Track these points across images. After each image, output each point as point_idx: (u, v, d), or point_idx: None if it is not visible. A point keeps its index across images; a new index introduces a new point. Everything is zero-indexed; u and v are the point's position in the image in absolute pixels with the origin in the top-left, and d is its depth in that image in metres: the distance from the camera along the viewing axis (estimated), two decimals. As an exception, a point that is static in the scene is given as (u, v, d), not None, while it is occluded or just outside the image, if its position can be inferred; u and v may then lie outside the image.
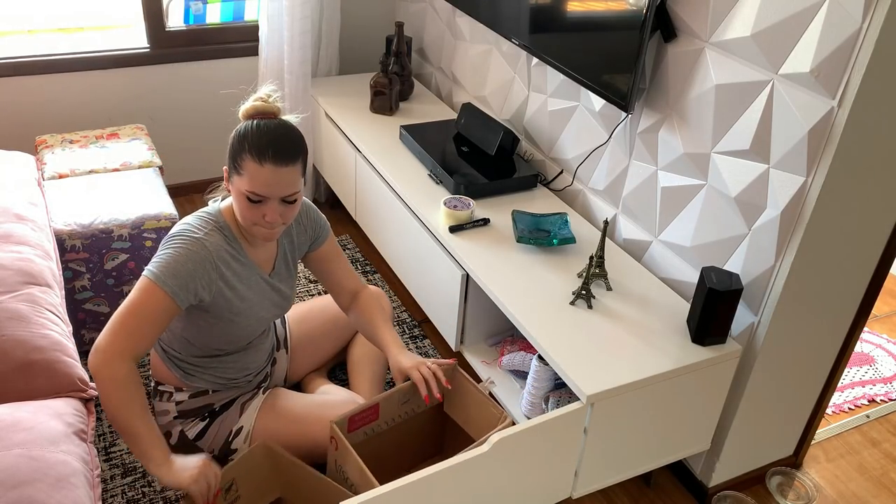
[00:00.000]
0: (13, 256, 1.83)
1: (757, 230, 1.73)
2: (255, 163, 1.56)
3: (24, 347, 1.62)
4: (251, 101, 1.64)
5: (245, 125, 1.61)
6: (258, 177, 1.56)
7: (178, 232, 1.65)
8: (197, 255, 1.62)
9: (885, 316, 2.88)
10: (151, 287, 1.57)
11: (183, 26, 2.99)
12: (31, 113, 2.83)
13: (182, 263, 1.60)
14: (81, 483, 1.41)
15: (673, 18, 1.85)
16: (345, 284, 1.96)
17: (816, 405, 2.08)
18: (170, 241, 1.64)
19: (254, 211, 1.61)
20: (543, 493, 1.73)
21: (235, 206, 1.65)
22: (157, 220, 2.25)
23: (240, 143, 1.58)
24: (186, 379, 1.83)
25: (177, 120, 3.09)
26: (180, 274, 1.59)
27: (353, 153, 2.66)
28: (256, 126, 1.59)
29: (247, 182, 1.58)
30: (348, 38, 3.26)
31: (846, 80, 1.47)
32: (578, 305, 1.89)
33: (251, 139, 1.57)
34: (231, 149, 1.61)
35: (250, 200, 1.59)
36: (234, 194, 1.64)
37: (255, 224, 1.64)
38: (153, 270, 1.59)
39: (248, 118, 1.63)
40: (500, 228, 2.18)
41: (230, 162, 1.61)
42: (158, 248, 1.66)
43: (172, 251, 1.61)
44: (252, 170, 1.56)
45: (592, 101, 2.20)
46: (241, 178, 1.58)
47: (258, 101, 1.64)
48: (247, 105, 1.64)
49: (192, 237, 1.64)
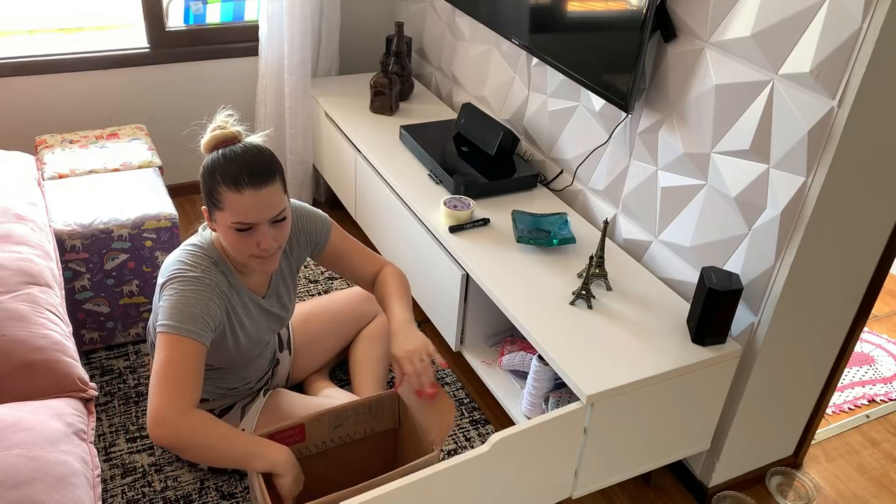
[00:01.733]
0: (13, 256, 1.83)
1: (757, 230, 1.73)
2: (233, 192, 1.50)
3: (24, 347, 1.62)
4: (209, 133, 1.58)
5: (211, 158, 1.55)
6: (241, 205, 1.51)
7: (176, 274, 1.59)
8: (202, 294, 1.58)
9: (885, 316, 2.88)
10: (175, 339, 1.53)
11: (183, 26, 2.99)
12: (31, 113, 2.83)
13: (192, 306, 1.55)
14: (81, 483, 1.41)
15: (673, 18, 1.85)
16: (364, 274, 1.88)
17: (816, 405, 2.08)
18: (171, 286, 1.58)
19: (246, 241, 1.56)
20: (543, 493, 1.73)
21: (226, 243, 1.59)
22: (157, 220, 2.25)
23: (211, 177, 1.53)
24: None
25: (177, 120, 3.09)
26: (196, 316, 1.55)
27: (353, 153, 2.66)
28: (223, 156, 1.54)
29: (230, 214, 1.52)
30: (348, 38, 3.26)
31: (846, 80, 1.47)
32: (578, 305, 1.89)
33: (222, 170, 1.52)
34: (204, 186, 1.55)
35: (239, 231, 1.54)
36: (221, 232, 1.58)
37: (251, 256, 1.59)
38: (169, 323, 1.53)
39: (211, 150, 1.57)
40: (500, 228, 2.18)
41: (207, 200, 1.56)
42: (159, 293, 1.61)
43: (178, 297, 1.55)
44: (232, 200, 1.51)
45: (592, 101, 2.20)
46: (224, 212, 1.53)
47: (216, 130, 1.58)
48: (206, 138, 1.58)
49: (192, 276, 1.58)
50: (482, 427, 2.22)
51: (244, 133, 1.61)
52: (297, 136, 2.99)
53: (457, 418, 2.22)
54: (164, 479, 1.97)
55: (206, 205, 1.59)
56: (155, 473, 1.98)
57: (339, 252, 1.86)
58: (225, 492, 1.95)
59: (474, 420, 2.23)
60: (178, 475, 1.98)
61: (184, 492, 1.94)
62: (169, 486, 1.95)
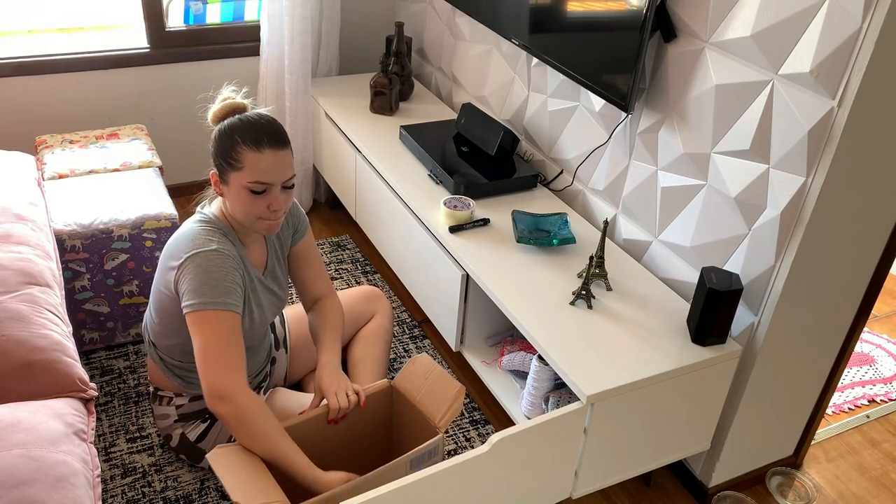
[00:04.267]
0: (13, 256, 1.83)
1: (757, 230, 1.73)
2: (254, 152, 1.55)
3: (24, 347, 1.62)
4: (219, 104, 1.63)
5: (228, 123, 1.60)
6: (260, 164, 1.56)
7: (194, 250, 1.59)
8: (227, 264, 1.59)
9: (885, 316, 2.88)
10: (214, 315, 1.54)
11: (183, 26, 2.99)
12: (31, 113, 2.83)
13: (222, 279, 1.57)
14: (81, 483, 1.41)
15: (673, 18, 1.85)
16: (312, 288, 1.90)
17: (816, 405, 2.08)
18: (191, 262, 1.58)
19: (258, 203, 1.59)
20: (543, 493, 1.73)
21: (235, 204, 1.62)
22: (157, 220, 2.25)
23: (229, 138, 1.57)
24: (187, 387, 1.83)
25: (177, 120, 3.09)
26: (229, 289, 1.57)
27: (353, 153, 2.66)
28: (240, 120, 1.59)
29: (248, 174, 1.56)
30: (348, 38, 3.26)
31: (846, 80, 1.47)
32: (578, 305, 1.89)
33: (241, 131, 1.57)
34: (220, 148, 1.59)
35: (254, 193, 1.58)
36: (232, 193, 1.61)
37: (259, 218, 1.62)
38: (205, 301, 1.54)
39: (222, 118, 1.62)
40: (500, 228, 2.18)
41: (221, 161, 1.60)
42: (173, 272, 1.60)
43: (204, 271, 1.56)
44: (252, 160, 1.56)
45: (592, 101, 2.20)
46: (241, 172, 1.57)
47: (227, 100, 1.63)
48: (215, 108, 1.63)
49: (212, 250, 1.59)
50: (482, 427, 2.22)
51: (251, 105, 1.66)
52: (297, 136, 2.99)
53: (458, 418, 2.22)
54: (164, 479, 1.97)
55: (217, 167, 1.61)
56: (155, 473, 1.98)
57: (305, 253, 1.89)
58: (225, 492, 1.94)
59: (474, 420, 2.23)
60: (178, 475, 1.98)
61: (184, 492, 1.94)
62: (169, 486, 1.95)
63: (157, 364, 1.84)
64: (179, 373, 1.82)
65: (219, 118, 1.63)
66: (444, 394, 1.69)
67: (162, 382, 1.86)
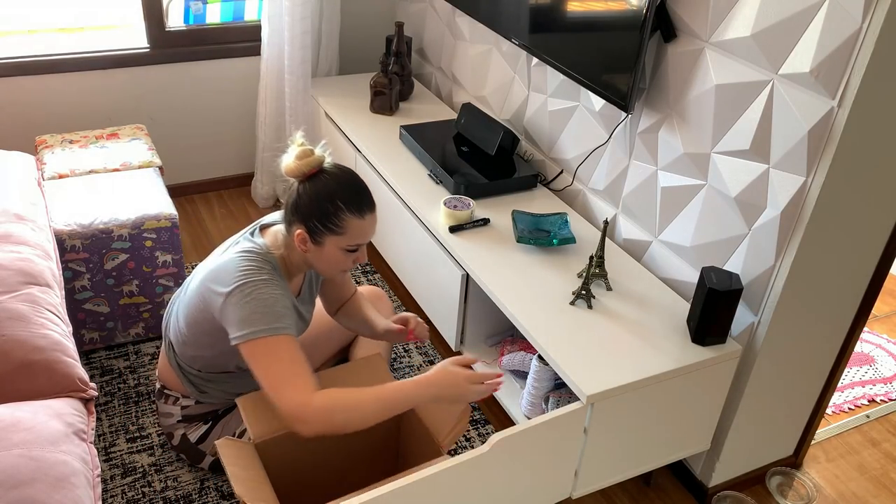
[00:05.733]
0: (13, 256, 1.83)
1: (757, 230, 1.73)
2: (357, 219, 1.59)
3: (24, 347, 1.62)
4: (299, 158, 1.58)
5: (323, 185, 1.57)
6: (361, 230, 1.60)
7: (244, 280, 1.56)
8: (277, 292, 1.58)
9: (885, 316, 2.88)
10: (273, 340, 1.52)
11: (183, 26, 2.99)
12: (31, 113, 2.83)
13: (274, 306, 1.55)
14: (81, 483, 1.41)
15: (673, 18, 1.85)
16: (339, 297, 1.98)
17: (816, 405, 2.08)
18: (240, 291, 1.55)
19: (347, 260, 1.64)
20: (543, 493, 1.73)
21: (321, 261, 1.64)
22: (157, 220, 2.25)
23: (332, 205, 1.56)
24: (199, 395, 1.83)
25: (177, 120, 3.09)
26: (281, 314, 1.55)
27: (353, 153, 2.66)
28: (337, 183, 1.58)
29: (349, 238, 1.60)
30: (348, 38, 3.26)
31: (846, 80, 1.47)
32: (578, 305, 1.89)
33: (343, 198, 1.57)
34: (320, 212, 1.57)
35: (349, 252, 1.62)
36: (323, 252, 1.62)
37: (341, 270, 1.67)
38: (261, 328, 1.52)
39: (308, 175, 1.59)
40: (500, 228, 2.18)
41: (318, 225, 1.58)
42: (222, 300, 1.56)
43: (257, 300, 1.54)
44: (355, 226, 1.59)
45: (592, 101, 2.20)
46: (341, 236, 1.59)
47: (307, 156, 1.58)
48: (296, 163, 1.58)
49: (263, 280, 1.57)
50: (482, 427, 2.22)
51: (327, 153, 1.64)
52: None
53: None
54: (164, 479, 1.97)
55: (310, 229, 1.59)
56: (155, 473, 1.98)
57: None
58: (225, 492, 1.95)
59: (474, 420, 2.23)
60: (178, 475, 1.98)
61: (184, 492, 1.94)
62: (169, 486, 1.95)
63: (175, 370, 1.82)
64: (195, 381, 1.81)
65: (303, 174, 1.59)
66: (450, 412, 1.68)
67: (172, 383, 1.85)
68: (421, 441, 1.74)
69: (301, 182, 1.60)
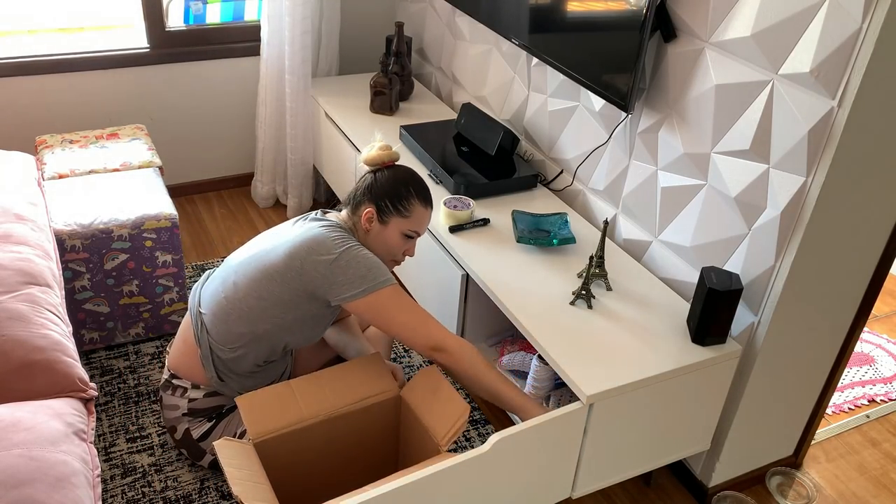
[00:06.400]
0: (13, 256, 1.83)
1: (757, 230, 1.73)
2: (423, 207, 1.83)
3: (24, 347, 1.62)
4: (381, 150, 1.85)
5: (405, 174, 1.83)
6: (424, 218, 1.85)
7: (343, 245, 1.73)
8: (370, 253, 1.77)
9: (885, 316, 2.88)
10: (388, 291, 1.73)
11: (183, 26, 2.99)
12: (31, 113, 2.83)
13: (378, 263, 1.75)
14: (81, 483, 1.41)
15: (673, 18, 1.85)
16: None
17: (816, 405, 2.08)
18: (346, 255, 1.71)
19: (403, 245, 1.85)
20: (543, 493, 1.73)
21: (380, 242, 1.83)
22: (157, 220, 2.25)
23: (405, 189, 1.81)
24: (219, 386, 1.82)
25: (177, 120, 3.09)
26: (384, 268, 1.75)
27: (353, 153, 2.66)
28: (411, 174, 1.85)
29: (412, 223, 1.83)
30: (348, 38, 3.26)
31: (846, 80, 1.47)
32: (578, 305, 1.89)
33: (417, 188, 1.83)
34: (389, 192, 1.80)
35: (408, 237, 1.84)
36: (387, 233, 1.82)
37: (393, 258, 1.87)
38: (380, 280, 1.72)
39: (377, 165, 1.85)
40: (500, 228, 2.18)
41: (389, 206, 1.80)
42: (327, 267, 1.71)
43: (363, 259, 1.72)
44: (420, 213, 1.83)
45: (592, 101, 2.20)
46: (407, 219, 1.82)
47: (388, 149, 1.86)
48: (378, 153, 1.84)
49: (355, 244, 1.76)
50: (482, 427, 2.22)
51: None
52: (297, 136, 2.99)
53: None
54: (164, 479, 1.97)
55: (379, 208, 1.81)
56: (155, 473, 1.98)
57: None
58: (225, 492, 1.95)
59: (474, 420, 2.23)
60: (178, 475, 1.98)
61: (184, 492, 1.94)
62: (169, 486, 1.95)
63: (201, 351, 1.81)
64: (220, 365, 1.80)
65: (381, 163, 1.85)
66: (449, 412, 1.68)
67: (186, 370, 1.84)
68: (420, 441, 1.74)
69: (378, 170, 1.84)
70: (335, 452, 1.75)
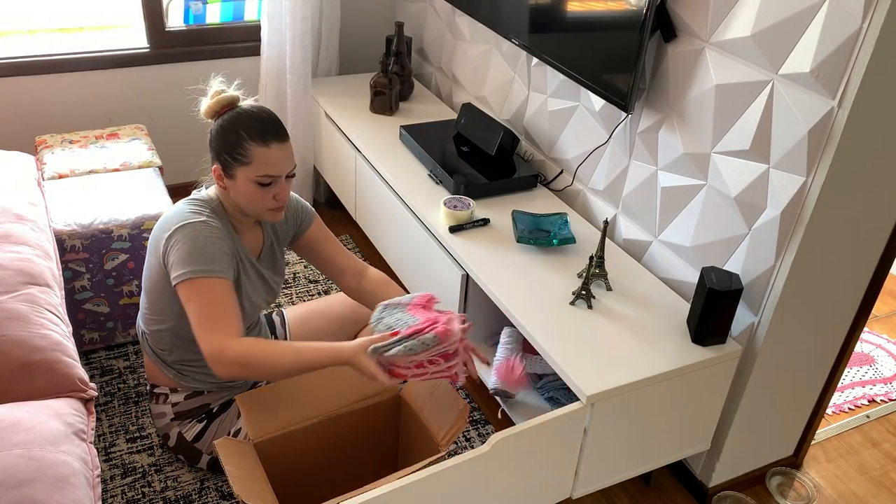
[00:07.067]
0: (13, 256, 1.83)
1: (757, 230, 1.73)
2: (261, 147, 1.60)
3: (24, 347, 1.62)
4: (212, 98, 1.64)
5: (230, 118, 1.62)
6: (268, 158, 1.61)
7: (182, 222, 1.62)
8: (214, 234, 1.62)
9: (885, 316, 2.88)
10: (203, 283, 1.57)
11: (183, 26, 2.99)
12: (31, 113, 2.83)
13: (208, 248, 1.60)
14: (81, 483, 1.41)
15: (673, 18, 1.85)
16: (343, 263, 1.91)
17: (816, 405, 2.08)
18: (178, 233, 1.61)
19: (265, 195, 1.64)
20: (543, 493, 1.73)
21: (241, 197, 1.65)
22: (157, 219, 2.25)
23: (234, 134, 1.60)
24: (181, 379, 1.83)
25: (177, 120, 3.09)
26: (215, 256, 1.60)
27: (353, 153, 2.66)
28: (242, 114, 1.62)
29: (256, 168, 1.61)
30: (348, 38, 3.26)
31: (846, 80, 1.47)
32: (578, 305, 1.89)
33: (247, 127, 1.60)
34: (224, 143, 1.61)
35: (261, 185, 1.62)
36: (239, 186, 1.64)
37: (267, 209, 1.67)
38: (192, 269, 1.57)
39: (217, 112, 1.65)
40: (500, 228, 2.18)
41: (225, 157, 1.62)
42: (164, 244, 1.62)
43: (192, 241, 1.59)
44: (261, 154, 1.60)
45: (592, 101, 2.20)
46: (248, 166, 1.61)
47: (220, 94, 1.64)
48: (208, 102, 1.65)
49: (200, 221, 1.63)
50: (482, 427, 2.22)
51: (242, 96, 1.68)
52: (297, 136, 2.99)
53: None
54: (164, 479, 1.97)
55: (221, 163, 1.63)
56: (155, 473, 1.98)
57: (320, 239, 1.92)
58: (225, 492, 1.95)
59: (474, 420, 2.23)
60: (178, 475, 1.98)
61: (184, 492, 1.94)
62: (169, 486, 1.95)
63: (151, 357, 1.84)
64: (173, 364, 1.82)
65: (215, 112, 1.65)
66: (448, 412, 1.68)
67: (157, 377, 1.86)
68: (420, 440, 1.74)
69: (211, 119, 1.65)
70: (335, 452, 1.75)
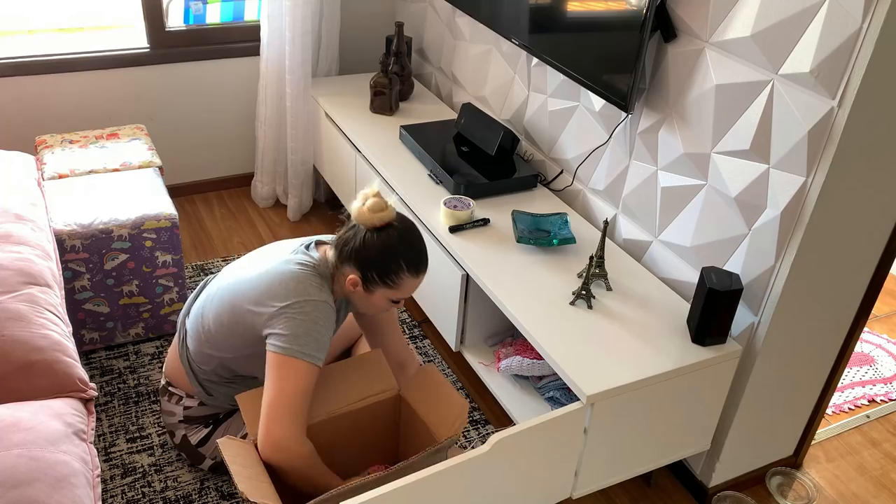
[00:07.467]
0: (13, 256, 1.83)
1: (757, 230, 1.73)
2: (412, 278, 1.65)
3: (24, 347, 1.62)
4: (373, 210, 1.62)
5: (394, 244, 1.61)
6: (412, 287, 1.67)
7: (304, 296, 1.59)
8: (329, 319, 1.61)
9: (885, 316, 2.88)
10: (306, 367, 1.56)
11: (183, 26, 2.99)
12: (31, 113, 2.83)
13: (322, 333, 1.59)
14: (81, 483, 1.41)
15: (673, 18, 1.85)
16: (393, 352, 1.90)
17: (816, 405, 2.08)
18: (299, 306, 1.58)
19: (388, 308, 1.71)
20: (543, 493, 1.73)
21: (365, 305, 1.70)
22: (157, 220, 2.25)
23: (394, 261, 1.61)
24: (204, 397, 1.82)
25: (177, 120, 3.09)
26: (324, 344, 1.60)
27: (353, 153, 2.66)
28: (402, 240, 1.63)
29: (399, 293, 1.66)
30: (348, 38, 3.26)
31: (846, 80, 1.47)
32: (578, 305, 1.89)
33: (407, 258, 1.63)
34: (382, 265, 1.62)
35: (394, 302, 1.69)
36: (371, 300, 1.67)
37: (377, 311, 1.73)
38: (304, 351, 1.56)
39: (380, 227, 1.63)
40: (500, 228, 2.18)
41: (373, 275, 1.62)
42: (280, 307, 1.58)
43: (310, 321, 1.57)
44: (409, 283, 1.65)
45: (592, 101, 2.20)
46: (393, 289, 1.65)
47: (382, 209, 1.63)
48: (368, 214, 1.62)
49: (320, 300, 1.60)
50: (482, 427, 2.22)
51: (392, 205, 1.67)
52: (297, 136, 2.99)
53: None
54: (164, 479, 1.97)
55: (365, 277, 1.63)
56: (155, 473, 1.98)
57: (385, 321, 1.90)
58: (225, 492, 1.95)
59: (474, 420, 2.23)
60: (178, 475, 1.98)
61: (184, 492, 1.94)
62: (169, 486, 1.95)
63: (184, 365, 1.82)
64: (204, 382, 1.81)
65: (374, 226, 1.63)
66: (448, 410, 1.69)
67: (179, 381, 1.85)
68: (421, 439, 1.74)
69: (368, 231, 1.63)
70: (336, 451, 1.75)
